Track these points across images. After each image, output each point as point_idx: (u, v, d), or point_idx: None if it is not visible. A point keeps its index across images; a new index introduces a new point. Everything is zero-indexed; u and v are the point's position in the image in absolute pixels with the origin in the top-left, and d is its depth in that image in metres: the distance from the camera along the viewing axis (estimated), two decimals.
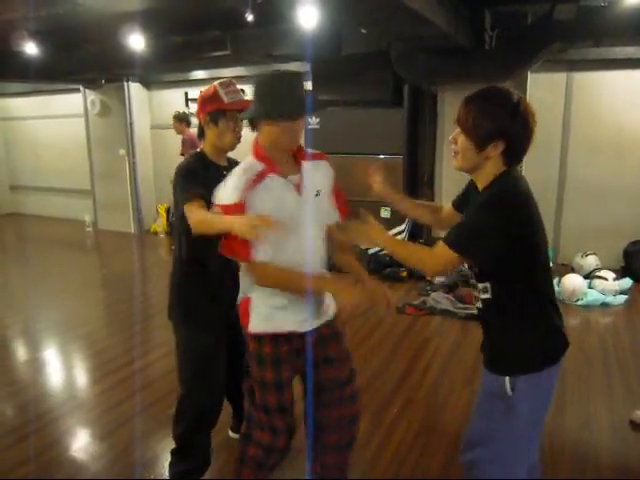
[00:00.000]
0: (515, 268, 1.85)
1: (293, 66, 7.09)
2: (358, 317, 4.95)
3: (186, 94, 8.59)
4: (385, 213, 6.19)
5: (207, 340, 2.58)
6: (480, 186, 1.94)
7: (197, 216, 2.24)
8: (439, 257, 1.87)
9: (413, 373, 3.96)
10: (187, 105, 8.54)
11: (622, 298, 5.35)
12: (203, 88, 2.55)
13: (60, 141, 10.12)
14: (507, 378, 1.89)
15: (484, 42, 5.31)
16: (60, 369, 4.38)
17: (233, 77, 8.25)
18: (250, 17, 5.07)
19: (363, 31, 5.31)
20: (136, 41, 6.00)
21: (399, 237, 6.29)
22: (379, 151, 6.36)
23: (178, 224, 2.50)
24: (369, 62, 6.10)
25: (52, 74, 7.65)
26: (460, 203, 2.18)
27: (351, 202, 2.32)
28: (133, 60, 6.52)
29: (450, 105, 6.23)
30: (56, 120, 10.13)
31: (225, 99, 2.41)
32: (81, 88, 9.14)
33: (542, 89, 6.23)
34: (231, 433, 3.20)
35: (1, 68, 7.46)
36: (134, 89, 8.86)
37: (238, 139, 2.51)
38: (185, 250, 2.54)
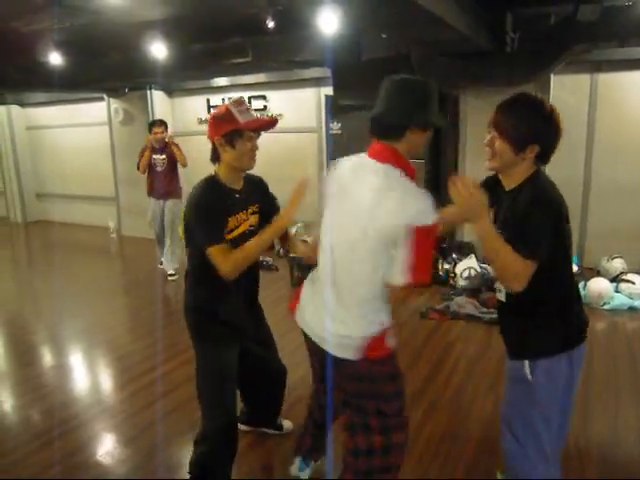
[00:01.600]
0: (550, 261, 1.95)
1: (314, 72, 7.12)
2: None
3: (208, 101, 8.66)
4: None
5: (219, 358, 2.56)
6: (509, 185, 2.09)
7: (227, 262, 2.31)
8: (524, 275, 1.89)
9: (437, 378, 3.93)
10: (209, 112, 8.61)
11: None
12: (226, 95, 2.56)
13: (84, 149, 10.26)
14: (526, 362, 2.04)
15: (506, 45, 5.27)
16: (85, 374, 4.44)
17: (254, 83, 8.26)
18: (271, 24, 5.10)
19: (383, 36, 5.30)
20: (158, 50, 6.06)
21: None
22: None
23: (192, 252, 2.52)
24: (390, 66, 6.06)
25: (76, 83, 7.76)
26: None
27: None
28: (155, 68, 6.59)
29: (472, 108, 6.18)
30: (80, 128, 10.27)
31: (240, 119, 2.34)
32: (105, 97, 9.26)
33: (566, 91, 6.16)
34: (240, 425, 3.23)
35: (27, 78, 7.59)
36: (157, 97, 8.95)
37: (254, 158, 2.46)
38: (199, 273, 2.54)
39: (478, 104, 5.95)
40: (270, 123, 2.49)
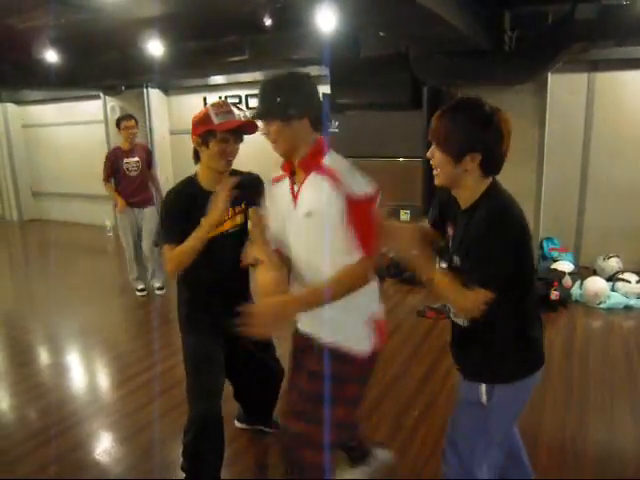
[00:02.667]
0: (508, 284, 1.84)
1: (311, 70, 7.11)
2: None
3: (205, 99, 8.64)
4: (405, 216, 6.17)
5: (200, 347, 2.60)
6: (464, 203, 1.92)
7: (169, 260, 2.40)
8: (476, 302, 1.81)
9: (433, 377, 3.93)
10: None
11: None
12: (223, 93, 2.56)
13: (81, 147, 10.21)
14: (483, 386, 1.93)
15: (504, 43, 5.27)
16: (81, 373, 4.42)
17: (251, 82, 8.22)
18: (268, 21, 5.09)
19: (381, 34, 5.29)
20: (155, 47, 6.05)
21: None
22: (398, 154, 6.34)
23: None
24: (388, 64, 6.08)
25: (72, 81, 7.74)
26: (436, 220, 2.15)
27: None
28: (152, 66, 6.57)
29: None
30: (77, 126, 10.23)
31: (215, 120, 2.39)
32: (101, 95, 9.24)
33: (563, 90, 6.17)
34: (237, 423, 3.29)
35: (23, 76, 7.56)
36: (153, 95, 8.93)
37: (229, 162, 2.48)
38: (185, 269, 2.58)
39: None
40: (247, 125, 2.45)
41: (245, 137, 2.53)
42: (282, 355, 3.05)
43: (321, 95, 2.08)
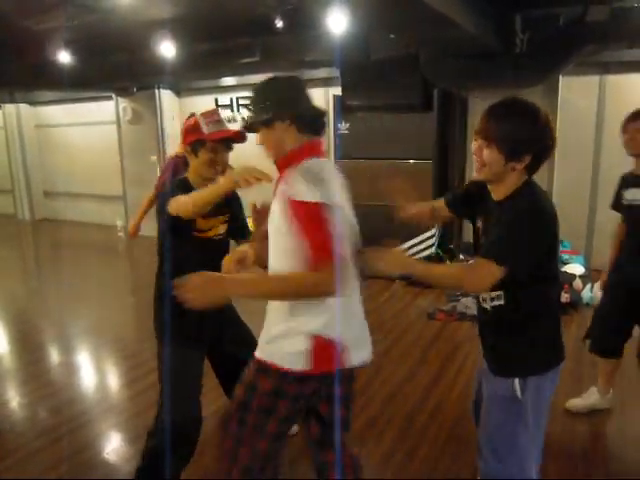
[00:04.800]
0: (535, 275, 1.88)
1: (322, 72, 7.13)
2: (388, 322, 4.95)
3: (216, 100, 8.68)
4: None
5: (183, 357, 2.54)
6: (498, 195, 1.94)
7: (178, 200, 2.26)
8: (483, 273, 1.83)
9: (443, 379, 3.92)
10: None
11: None
12: (234, 95, 2.54)
13: (92, 148, 10.29)
14: (516, 380, 1.92)
15: (515, 46, 5.24)
16: (91, 372, 4.45)
17: None
18: (279, 23, 5.10)
19: (392, 36, 5.29)
20: (167, 49, 6.08)
21: (429, 242, 6.25)
22: (409, 156, 6.33)
23: (160, 243, 2.54)
24: (398, 67, 6.07)
25: (85, 82, 7.79)
26: (458, 204, 2.21)
27: (380, 207, 2.23)
28: (164, 68, 6.60)
29: (481, 109, 6.14)
30: (89, 127, 10.30)
31: (205, 130, 2.38)
32: (113, 96, 9.29)
33: (575, 92, 6.15)
34: None
35: (36, 77, 7.62)
36: (165, 96, 8.97)
37: (217, 170, 2.45)
38: (165, 267, 2.54)
39: (487, 105, 5.95)
40: (236, 135, 2.43)
41: None
42: None
43: (332, 96, 2.07)
